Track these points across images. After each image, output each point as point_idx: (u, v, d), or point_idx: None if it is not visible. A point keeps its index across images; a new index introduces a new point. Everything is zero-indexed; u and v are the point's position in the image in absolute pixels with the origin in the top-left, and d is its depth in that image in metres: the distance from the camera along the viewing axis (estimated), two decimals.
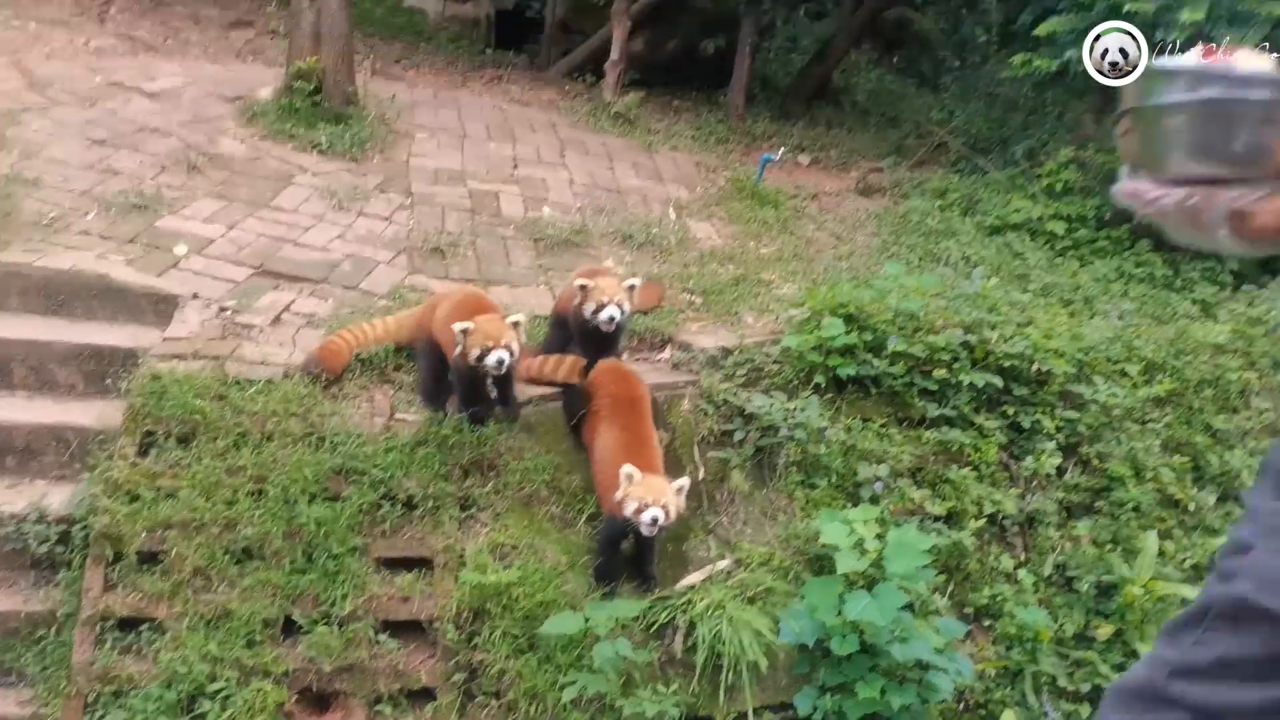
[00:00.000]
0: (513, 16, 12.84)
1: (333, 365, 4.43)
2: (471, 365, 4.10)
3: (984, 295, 5.53)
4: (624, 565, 4.22)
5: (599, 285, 4.33)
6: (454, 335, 4.07)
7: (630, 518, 3.89)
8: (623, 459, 4.03)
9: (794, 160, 9.07)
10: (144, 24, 9.08)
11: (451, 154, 7.22)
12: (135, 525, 3.81)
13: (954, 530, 4.67)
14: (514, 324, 4.18)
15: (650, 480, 3.95)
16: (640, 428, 4.31)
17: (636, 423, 4.31)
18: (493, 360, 4.05)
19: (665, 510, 3.88)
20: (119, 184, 5.63)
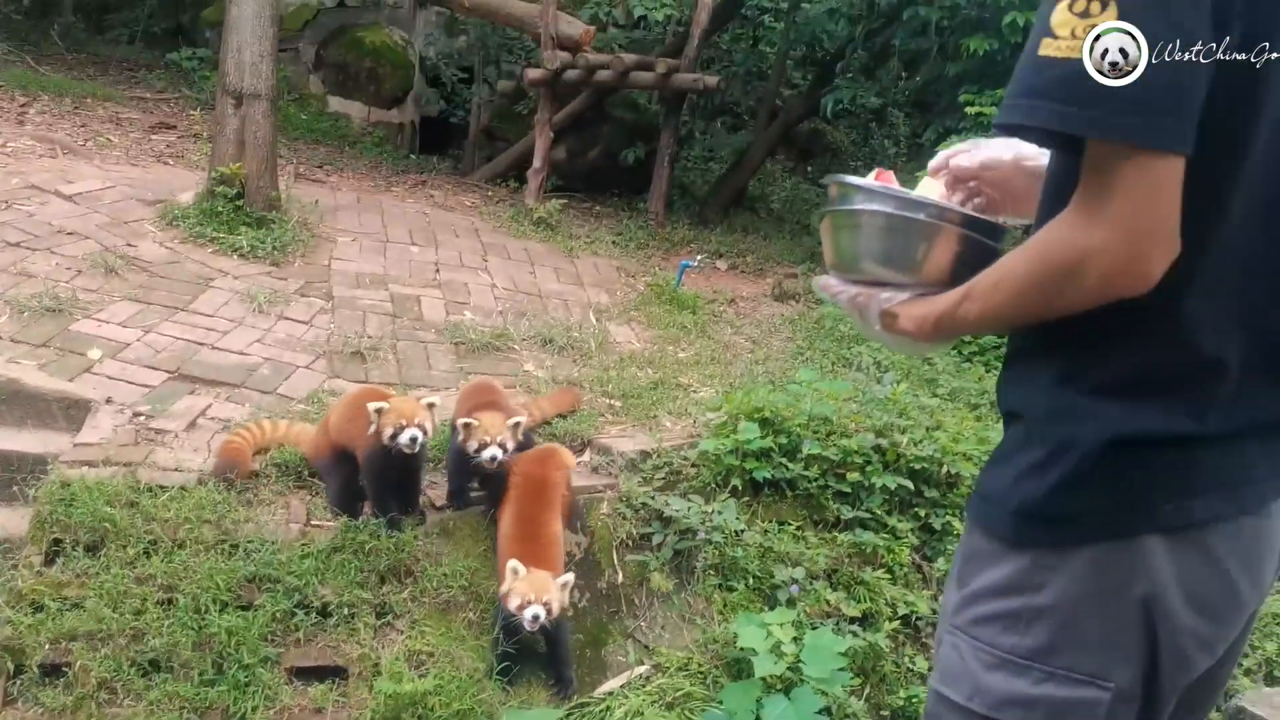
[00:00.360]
0: (436, 123, 13.12)
1: (240, 462, 4.43)
2: (384, 446, 4.10)
3: (894, 399, 5.72)
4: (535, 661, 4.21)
5: (482, 423, 4.31)
6: (359, 427, 4.10)
7: (513, 613, 3.92)
8: (514, 549, 4.08)
9: (712, 266, 9.33)
10: (64, 126, 9.08)
11: (374, 258, 7.29)
12: (39, 637, 3.69)
13: (869, 632, 4.73)
14: (429, 405, 4.23)
15: (534, 575, 3.97)
16: (540, 515, 4.33)
17: (538, 510, 4.33)
18: (405, 438, 4.07)
19: (547, 607, 3.91)
20: (33, 287, 5.57)
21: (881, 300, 1.79)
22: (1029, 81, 1.49)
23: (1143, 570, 1.58)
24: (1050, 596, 1.62)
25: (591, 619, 4.56)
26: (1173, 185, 1.44)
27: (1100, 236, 1.45)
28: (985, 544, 1.73)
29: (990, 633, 1.68)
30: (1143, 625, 1.60)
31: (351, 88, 12.52)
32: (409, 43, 12.94)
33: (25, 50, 12.13)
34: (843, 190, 1.88)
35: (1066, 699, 1.62)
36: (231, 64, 6.87)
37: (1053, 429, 1.64)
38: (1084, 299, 1.51)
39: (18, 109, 9.31)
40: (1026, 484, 1.65)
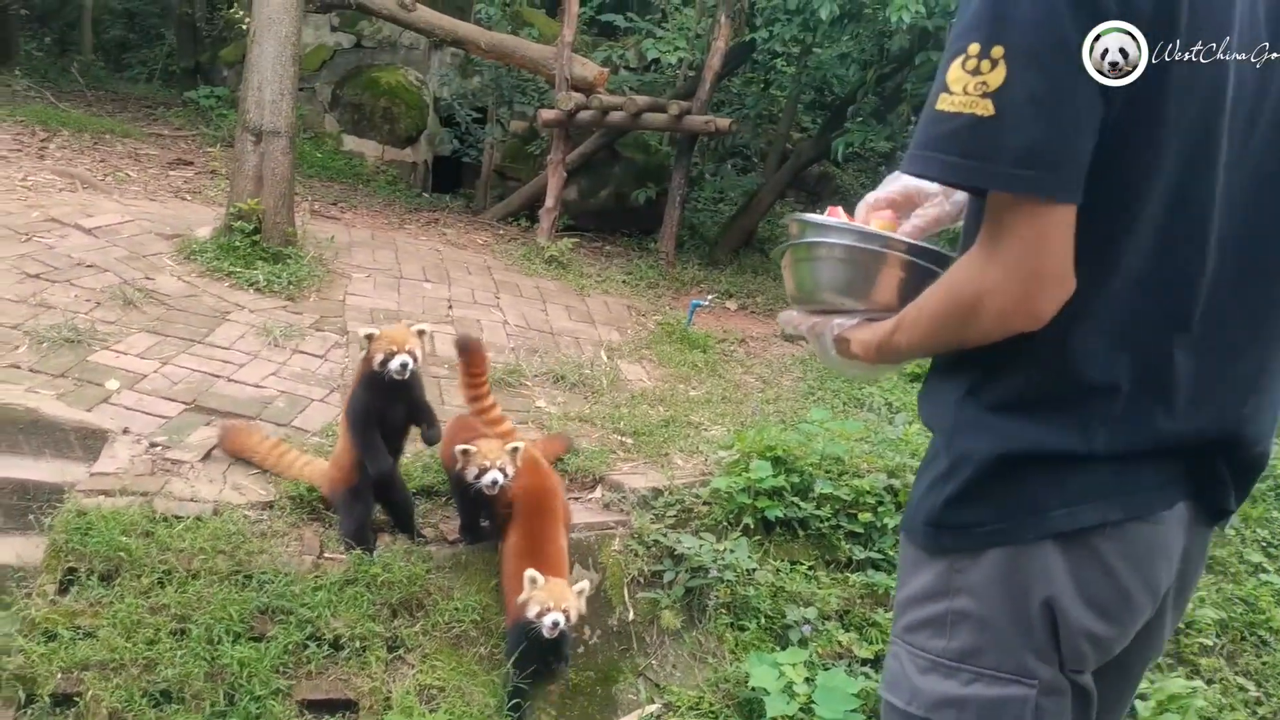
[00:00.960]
0: (449, 162, 13.26)
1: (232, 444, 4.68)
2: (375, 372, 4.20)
3: (906, 440, 5.73)
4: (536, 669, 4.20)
5: (480, 449, 4.32)
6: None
7: (532, 621, 3.95)
8: (527, 561, 4.11)
9: (722, 306, 9.37)
10: (84, 161, 9.19)
11: (388, 294, 7.34)
12: (50, 666, 3.69)
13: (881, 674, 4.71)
14: (419, 331, 4.31)
15: (553, 584, 4.01)
16: (546, 526, 4.36)
17: (543, 522, 4.37)
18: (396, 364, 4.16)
19: (566, 614, 3.96)
20: (52, 318, 5.62)
21: (834, 326, 1.92)
22: (928, 133, 1.59)
23: (1041, 574, 1.70)
24: (966, 601, 1.75)
25: (602, 656, 4.54)
26: (1062, 231, 1.54)
27: (994, 277, 1.57)
28: (910, 553, 1.87)
29: (921, 638, 1.80)
30: (1048, 625, 1.71)
31: (366, 127, 12.69)
32: (424, 83, 13.11)
33: (46, 86, 12.33)
34: (801, 227, 2.03)
35: (996, 697, 1.72)
36: (252, 101, 6.97)
37: (955, 442, 1.76)
38: (985, 333, 1.63)
39: (39, 144, 9.43)
40: (933, 494, 1.78)
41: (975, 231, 1.64)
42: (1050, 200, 1.52)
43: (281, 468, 4.69)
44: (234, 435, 4.79)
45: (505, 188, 12.48)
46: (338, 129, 12.81)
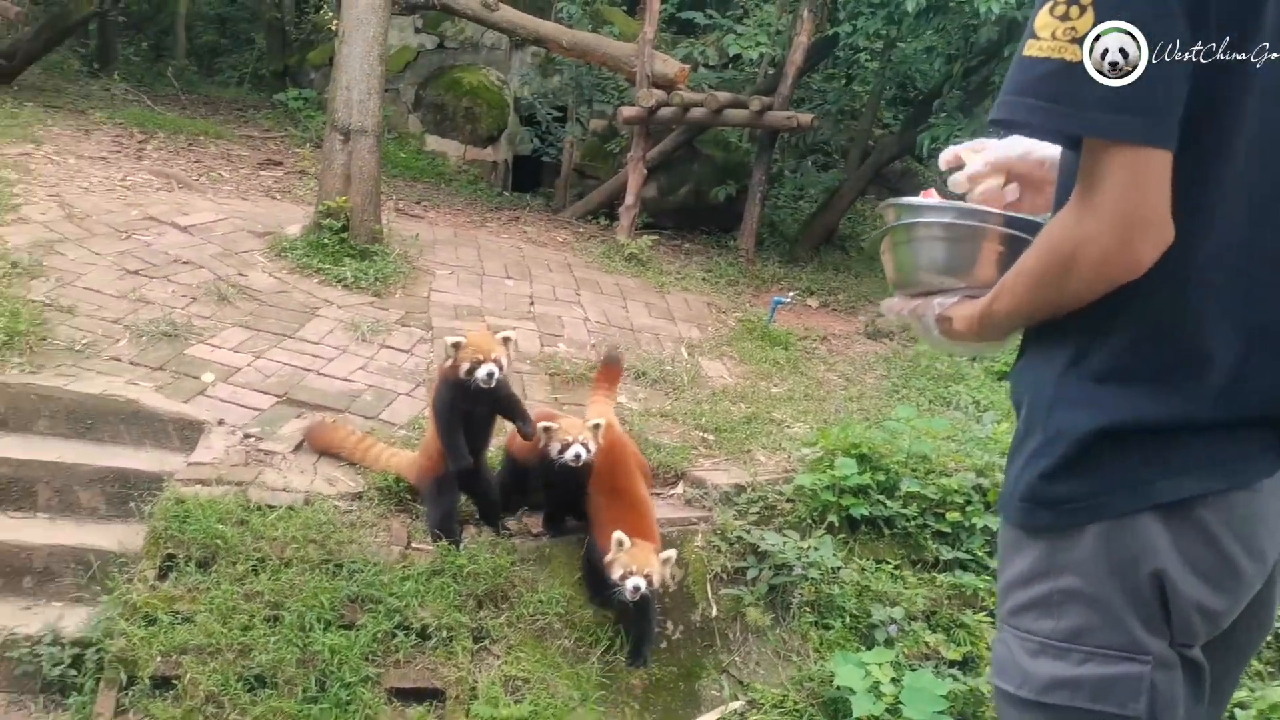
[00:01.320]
0: (529, 161, 13.37)
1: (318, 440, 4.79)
2: (460, 380, 4.20)
3: (995, 439, 5.61)
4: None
5: (562, 425, 4.39)
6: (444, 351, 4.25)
7: (615, 583, 4.03)
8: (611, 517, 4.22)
9: (803, 303, 9.29)
10: (179, 161, 9.46)
11: (470, 291, 7.43)
12: (151, 649, 3.80)
13: (970, 676, 4.62)
14: (504, 339, 4.32)
15: (638, 548, 4.08)
16: (624, 483, 4.42)
17: (619, 478, 4.43)
18: (482, 373, 4.16)
19: (648, 578, 4.03)
20: (150, 313, 5.79)
21: (935, 306, 1.92)
22: (1016, 80, 1.59)
23: (1146, 546, 1.66)
24: (1071, 579, 1.71)
25: (685, 652, 4.53)
26: (1158, 177, 1.52)
27: (1090, 226, 1.56)
28: (1009, 535, 1.84)
29: (1028, 620, 1.76)
30: (1158, 597, 1.67)
31: (448, 127, 12.85)
32: (505, 83, 13.24)
33: (143, 90, 12.73)
34: (898, 211, 2.02)
35: (1109, 676, 1.68)
36: (341, 101, 7.10)
37: (1051, 416, 1.72)
38: (1084, 287, 1.61)
39: (136, 145, 9.74)
40: (1029, 471, 1.74)
41: (1068, 189, 1.63)
42: (1142, 144, 1.51)
43: (368, 460, 4.77)
44: (319, 432, 4.89)
45: (584, 186, 12.54)
46: (421, 129, 13.00)
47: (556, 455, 4.32)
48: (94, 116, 10.51)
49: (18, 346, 5.10)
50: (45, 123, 9.58)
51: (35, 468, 4.55)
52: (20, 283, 5.79)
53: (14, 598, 4.23)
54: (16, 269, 5.90)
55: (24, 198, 7.10)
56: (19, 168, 7.78)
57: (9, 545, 4.26)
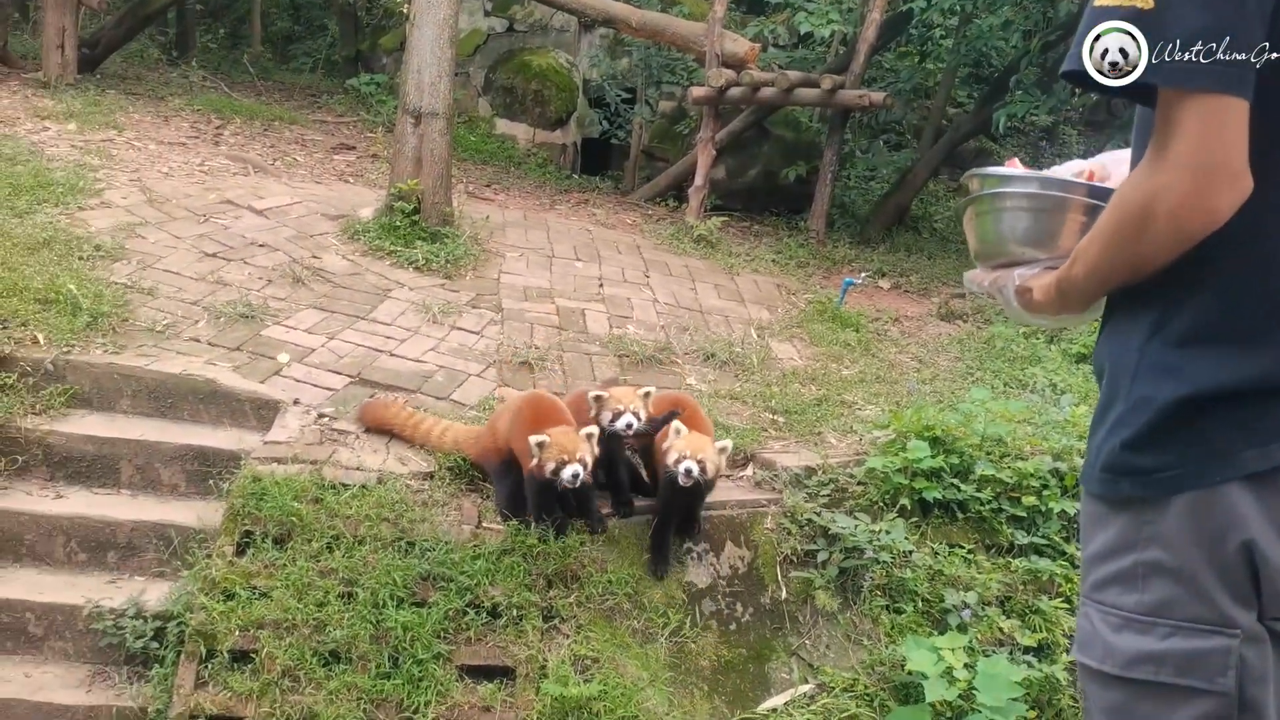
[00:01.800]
0: (597, 144, 13.37)
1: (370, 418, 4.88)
2: (548, 479, 4.15)
3: (1073, 422, 5.48)
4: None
5: (613, 394, 4.50)
6: (528, 447, 4.14)
7: (670, 467, 4.12)
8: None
9: (875, 284, 9.16)
10: (255, 146, 9.63)
11: (540, 273, 7.45)
12: (229, 623, 3.88)
13: (1045, 664, 4.53)
14: (588, 435, 4.22)
15: (693, 436, 4.20)
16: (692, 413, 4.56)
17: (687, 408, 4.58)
18: (567, 474, 4.09)
19: (701, 464, 4.11)
20: (228, 295, 5.91)
21: (1015, 277, 1.92)
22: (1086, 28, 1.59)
23: (1235, 516, 1.62)
24: (1157, 551, 1.68)
25: (755, 634, 4.51)
26: (1234, 125, 1.49)
27: (1166, 177, 1.53)
28: (1092, 508, 1.81)
29: (1112, 595, 1.74)
30: (1248, 569, 1.63)
31: (518, 110, 12.89)
32: (574, 65, 13.24)
33: (220, 77, 12.97)
34: (983, 181, 2.04)
35: (1195, 650, 1.65)
36: (412, 84, 7.15)
37: (1135, 384, 1.70)
38: (1162, 242, 1.57)
39: (214, 130, 9.93)
40: (1111, 440, 1.73)
41: (1144, 147, 1.61)
42: (1220, 92, 1.48)
43: (419, 437, 4.79)
44: (370, 410, 4.93)
45: (653, 168, 12.49)
46: (490, 112, 13.06)
47: (608, 424, 4.39)
48: (173, 103, 10.74)
49: (101, 327, 5.24)
50: (126, 109, 9.81)
51: (119, 445, 4.68)
52: (104, 265, 5.95)
53: (99, 572, 4.37)
54: (100, 252, 6.06)
55: (107, 182, 7.29)
56: (102, 153, 7.98)
57: (94, 520, 4.39)
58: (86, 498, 4.56)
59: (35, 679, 4.02)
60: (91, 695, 3.98)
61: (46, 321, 5.13)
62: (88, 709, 3.91)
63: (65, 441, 4.66)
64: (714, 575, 4.57)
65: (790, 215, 11.66)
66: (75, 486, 4.63)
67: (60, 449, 4.66)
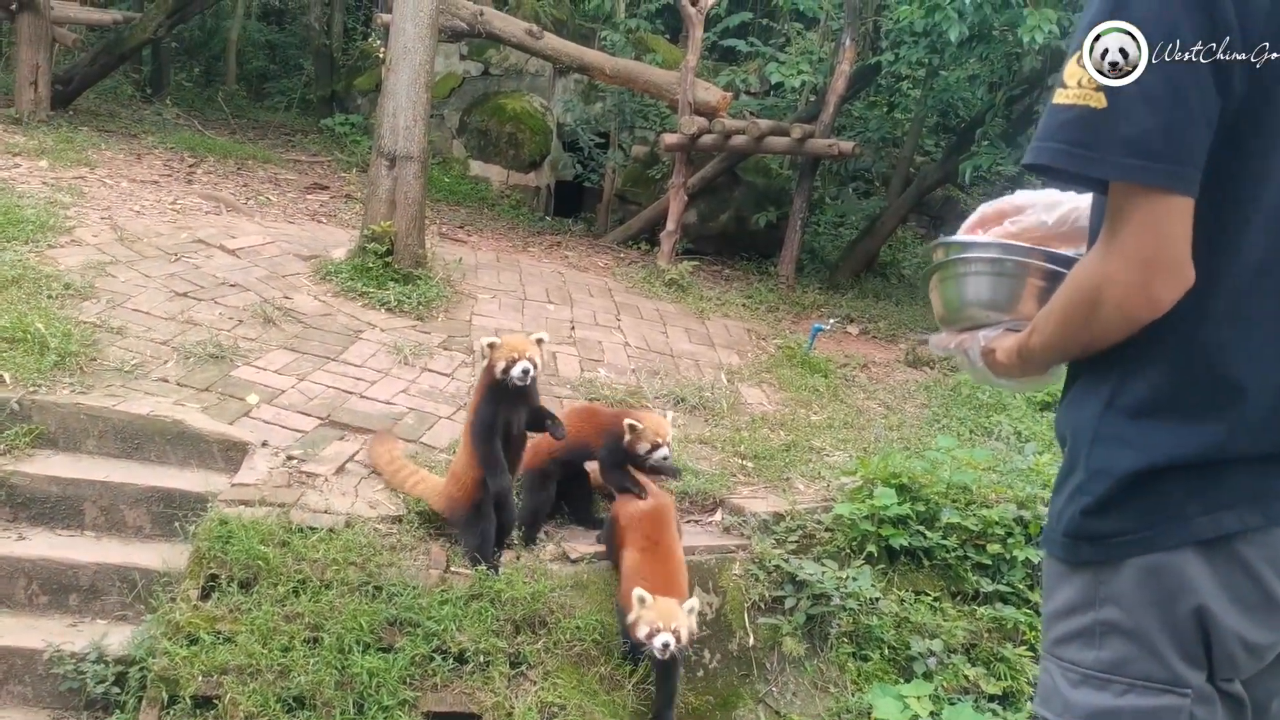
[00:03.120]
0: (570, 186, 13.47)
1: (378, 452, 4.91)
2: (498, 380, 4.34)
3: (1037, 470, 5.55)
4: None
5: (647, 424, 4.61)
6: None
7: (643, 642, 3.95)
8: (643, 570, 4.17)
9: (844, 330, 9.26)
10: (227, 185, 9.64)
11: (512, 315, 7.48)
12: (192, 669, 3.84)
13: (1009, 711, 4.56)
14: (537, 340, 4.47)
15: (662, 603, 4.00)
16: (665, 539, 4.38)
17: (661, 533, 4.39)
18: (518, 371, 4.30)
19: (676, 635, 3.94)
20: (198, 335, 5.89)
21: (980, 339, 2.02)
22: (1046, 125, 1.68)
23: (1187, 581, 1.69)
24: (1113, 611, 1.74)
25: (722, 681, 4.51)
26: (1178, 221, 1.58)
27: (1112, 266, 1.63)
28: (1053, 567, 1.88)
29: (1071, 651, 1.80)
30: (1199, 632, 1.70)
31: (492, 152, 12.99)
32: (548, 109, 13.37)
33: (194, 115, 12.99)
34: (947, 249, 2.15)
35: (1150, 707, 1.71)
36: (387, 127, 7.20)
37: (1094, 453, 1.76)
38: (1109, 325, 1.68)
39: (187, 169, 9.94)
40: (1071, 505, 1.79)
41: (1098, 231, 1.70)
42: (1163, 190, 1.57)
43: (396, 482, 4.80)
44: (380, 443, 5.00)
45: (626, 211, 12.60)
46: (465, 154, 13.15)
47: (645, 454, 4.54)
48: (146, 141, 10.74)
49: (69, 367, 5.21)
50: (99, 146, 9.80)
51: (83, 486, 4.63)
52: (73, 304, 5.92)
53: (60, 614, 4.31)
54: (69, 290, 6.03)
55: (77, 220, 7.27)
56: (73, 190, 7.96)
57: (56, 563, 4.34)
58: (49, 539, 4.51)
59: None
60: None
61: (13, 360, 5.09)
62: None
63: (29, 482, 4.61)
64: None
65: (760, 260, 11.77)
66: (38, 528, 4.58)
67: (24, 489, 4.60)
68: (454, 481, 4.58)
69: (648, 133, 12.76)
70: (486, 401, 4.43)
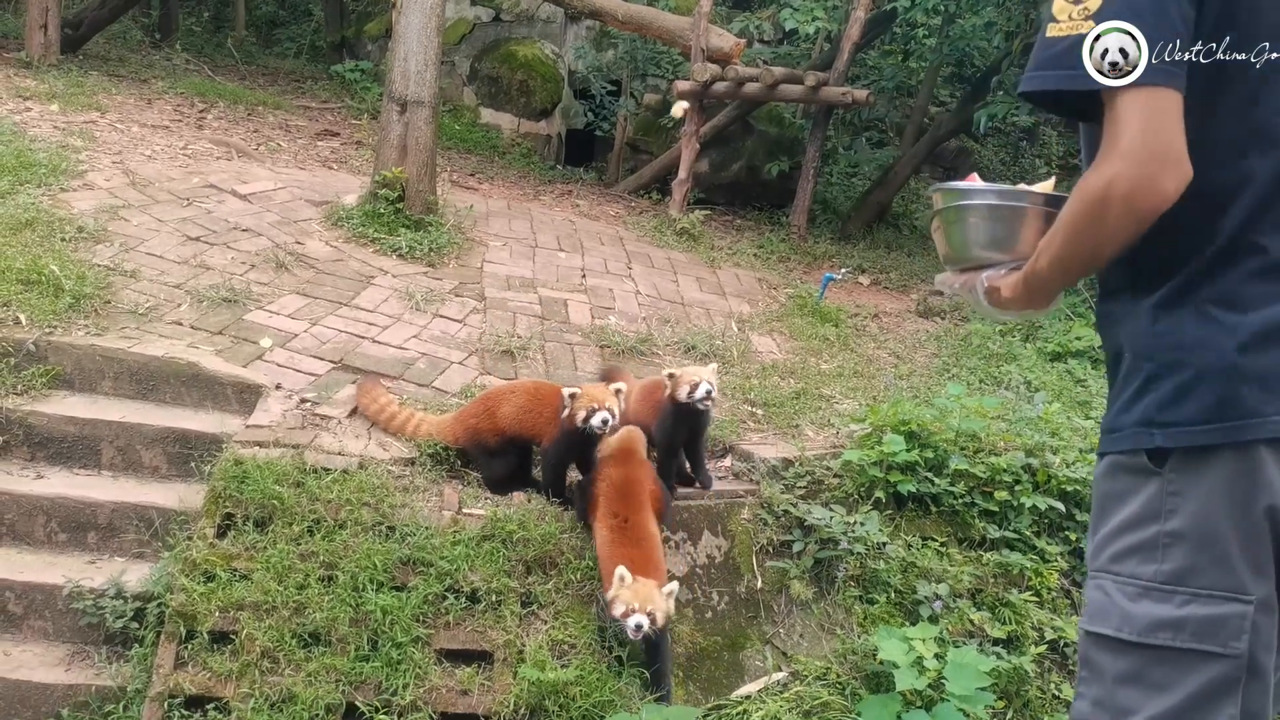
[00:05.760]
0: (582, 135, 13.39)
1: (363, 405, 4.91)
2: (577, 428, 4.39)
3: (1046, 419, 5.57)
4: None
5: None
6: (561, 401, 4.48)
7: (618, 619, 3.95)
8: (617, 553, 4.14)
9: (855, 280, 9.24)
10: (238, 131, 9.60)
11: (523, 262, 7.48)
12: (209, 605, 3.91)
13: (1014, 655, 4.62)
14: (617, 391, 4.51)
15: (639, 585, 3.98)
16: (635, 517, 4.31)
17: (631, 512, 4.32)
18: (597, 420, 4.36)
19: (651, 617, 3.92)
20: (211, 279, 5.92)
21: (984, 278, 2.09)
22: (1039, 58, 1.83)
23: (1264, 481, 1.74)
24: (1181, 521, 1.78)
25: (730, 622, 4.58)
26: (1172, 115, 1.70)
27: (1117, 164, 1.72)
28: (1111, 485, 1.91)
29: (1130, 565, 1.84)
30: (1270, 536, 1.75)
31: (503, 100, 12.90)
32: (559, 56, 13.25)
33: (203, 60, 12.92)
34: (945, 195, 2.24)
35: (1212, 616, 1.75)
36: (398, 72, 7.16)
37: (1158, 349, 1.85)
38: (1118, 225, 1.75)
39: (197, 114, 9.90)
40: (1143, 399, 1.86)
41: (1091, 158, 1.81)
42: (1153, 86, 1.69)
43: (393, 429, 4.82)
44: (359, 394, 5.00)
45: (637, 160, 12.52)
46: (475, 102, 13.06)
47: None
48: (156, 86, 10.69)
49: (84, 309, 5.25)
50: (109, 91, 9.76)
51: (100, 427, 4.69)
52: (86, 247, 5.94)
53: (79, 552, 4.39)
54: (83, 234, 6.05)
55: (89, 164, 7.27)
56: (85, 135, 7.95)
57: (75, 501, 4.41)
58: (67, 478, 4.58)
59: (14, 657, 4.03)
60: (71, 674, 4.00)
61: (29, 302, 5.13)
62: (67, 687, 3.93)
63: (46, 422, 4.67)
64: (691, 564, 4.64)
65: (772, 210, 11.72)
66: (56, 467, 4.65)
67: (41, 429, 4.67)
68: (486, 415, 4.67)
69: (660, 80, 12.66)
70: (561, 443, 4.55)
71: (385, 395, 4.96)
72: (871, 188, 11.99)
